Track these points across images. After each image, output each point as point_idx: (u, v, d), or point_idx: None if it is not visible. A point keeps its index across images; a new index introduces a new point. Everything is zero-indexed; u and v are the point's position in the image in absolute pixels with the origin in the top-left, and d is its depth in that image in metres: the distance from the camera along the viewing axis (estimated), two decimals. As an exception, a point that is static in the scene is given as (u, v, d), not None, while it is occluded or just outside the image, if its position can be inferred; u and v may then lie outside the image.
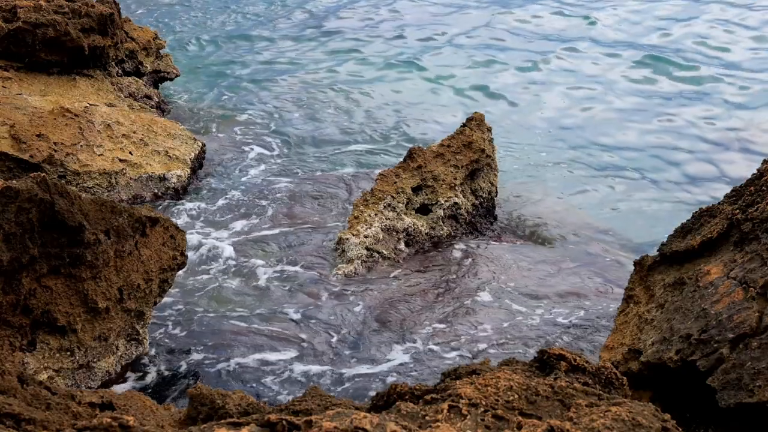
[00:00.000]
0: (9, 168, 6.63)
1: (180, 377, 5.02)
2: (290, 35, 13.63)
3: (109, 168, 7.21)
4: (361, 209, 6.76)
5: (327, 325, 5.73)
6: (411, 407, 2.41)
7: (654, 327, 4.01)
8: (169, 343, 5.37)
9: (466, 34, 13.41)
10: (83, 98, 8.01)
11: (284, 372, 5.17)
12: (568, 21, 13.98)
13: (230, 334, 5.53)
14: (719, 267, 3.83)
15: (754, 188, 3.98)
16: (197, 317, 5.70)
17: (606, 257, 7.05)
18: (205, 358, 5.25)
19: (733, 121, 10.10)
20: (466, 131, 7.25)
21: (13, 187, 3.87)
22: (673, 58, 12.00)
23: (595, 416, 2.36)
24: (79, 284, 4.28)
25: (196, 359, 5.23)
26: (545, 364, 2.87)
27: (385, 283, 6.37)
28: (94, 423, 2.18)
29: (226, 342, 5.43)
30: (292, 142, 9.35)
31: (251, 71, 11.90)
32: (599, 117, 10.36)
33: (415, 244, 6.91)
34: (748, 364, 3.25)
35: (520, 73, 11.88)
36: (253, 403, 3.13)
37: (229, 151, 8.93)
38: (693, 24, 13.46)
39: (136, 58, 9.52)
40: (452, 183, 7.07)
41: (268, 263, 6.55)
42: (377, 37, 13.44)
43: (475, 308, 6.01)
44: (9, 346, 3.98)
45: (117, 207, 4.47)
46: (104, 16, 8.27)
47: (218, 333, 5.53)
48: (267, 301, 6.03)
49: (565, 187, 8.52)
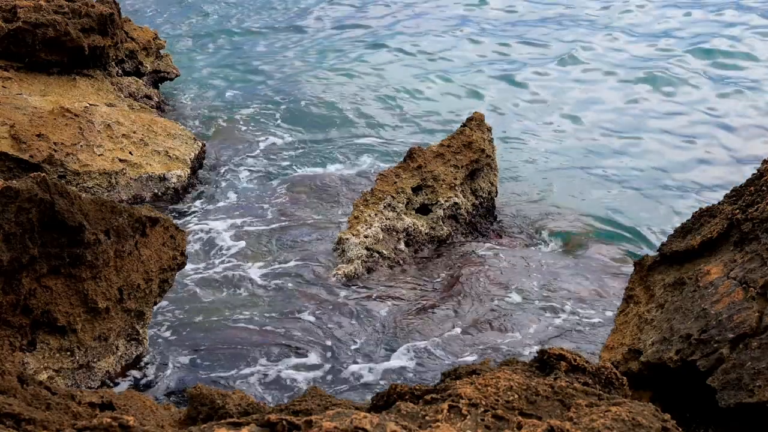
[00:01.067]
0: (9, 168, 6.63)
1: (180, 377, 5.02)
2: (290, 33, 13.63)
3: (109, 168, 7.21)
4: (361, 209, 6.76)
5: (326, 325, 5.73)
6: (411, 407, 2.41)
7: (654, 327, 4.01)
8: (170, 343, 5.37)
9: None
10: (83, 98, 8.01)
11: (284, 372, 5.17)
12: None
13: (230, 334, 5.53)
14: (719, 267, 3.82)
15: (754, 188, 3.98)
16: (197, 317, 5.70)
17: (606, 257, 7.05)
18: (204, 358, 5.25)
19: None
20: (466, 131, 7.25)
21: (13, 187, 3.87)
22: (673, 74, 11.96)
23: (595, 416, 2.36)
24: (79, 284, 4.28)
25: (195, 359, 5.23)
26: (545, 364, 2.87)
27: (386, 283, 6.37)
28: (94, 423, 2.17)
29: (225, 342, 5.42)
30: (293, 141, 9.35)
31: (250, 71, 11.90)
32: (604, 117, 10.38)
33: (415, 244, 6.91)
34: (748, 364, 3.25)
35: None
36: (253, 403, 3.13)
37: (230, 150, 8.93)
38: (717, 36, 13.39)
39: (136, 58, 9.52)
40: (452, 183, 7.07)
41: (268, 263, 6.55)
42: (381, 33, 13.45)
43: (476, 308, 6.01)
44: (9, 346, 3.98)
45: (117, 207, 4.47)
46: (104, 16, 8.27)
47: (218, 333, 5.53)
48: (267, 301, 6.03)
49: (565, 187, 8.51)
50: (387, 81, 11.39)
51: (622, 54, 12.48)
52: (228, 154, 8.85)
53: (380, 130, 9.86)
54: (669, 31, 13.40)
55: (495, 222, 7.50)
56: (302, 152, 9.08)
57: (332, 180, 8.29)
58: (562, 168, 8.99)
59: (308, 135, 9.59)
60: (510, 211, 7.78)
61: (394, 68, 11.95)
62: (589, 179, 8.75)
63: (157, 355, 5.16)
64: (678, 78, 11.36)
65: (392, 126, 9.98)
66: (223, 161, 8.65)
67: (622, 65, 11.99)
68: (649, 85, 11.23)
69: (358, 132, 9.75)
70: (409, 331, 5.70)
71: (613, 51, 12.62)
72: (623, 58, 12.29)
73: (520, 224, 7.57)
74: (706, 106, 10.57)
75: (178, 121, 8.88)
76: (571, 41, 12.99)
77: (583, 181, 8.71)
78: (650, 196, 8.40)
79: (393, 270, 6.58)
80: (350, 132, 9.74)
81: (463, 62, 12.20)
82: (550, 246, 7.24)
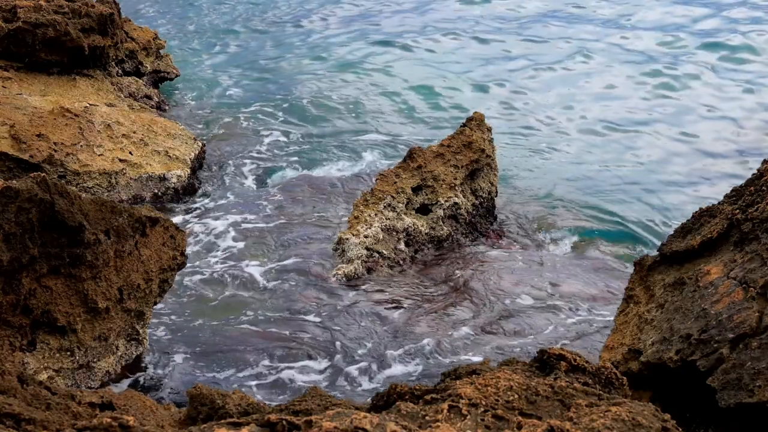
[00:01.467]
0: (9, 168, 6.63)
1: (180, 377, 5.02)
2: (292, 31, 13.62)
3: (109, 168, 7.21)
4: (361, 209, 6.76)
5: (327, 326, 5.72)
6: (411, 407, 2.41)
7: (654, 327, 4.01)
8: (170, 343, 5.37)
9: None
10: (83, 98, 8.01)
11: (284, 372, 5.17)
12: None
13: (230, 334, 5.53)
14: (719, 267, 3.82)
15: (754, 188, 3.98)
16: (197, 317, 5.70)
17: (606, 257, 7.05)
18: (204, 358, 5.25)
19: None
20: (466, 131, 7.25)
21: (13, 187, 3.87)
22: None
23: (595, 416, 2.36)
24: (79, 284, 4.27)
25: (196, 359, 5.22)
26: (545, 364, 2.87)
27: (386, 284, 6.37)
28: (94, 423, 2.17)
29: (225, 342, 5.42)
30: (294, 140, 9.34)
31: (251, 70, 11.89)
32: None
33: (415, 244, 6.91)
34: (748, 364, 3.25)
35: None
36: (253, 403, 3.13)
37: (230, 150, 8.93)
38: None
39: (136, 58, 9.53)
40: (452, 183, 7.07)
41: (268, 263, 6.55)
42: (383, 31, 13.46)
43: (476, 308, 6.01)
44: (9, 346, 3.98)
45: (117, 207, 4.46)
46: (104, 16, 8.27)
47: (218, 333, 5.53)
48: (267, 301, 6.02)
49: (566, 186, 8.51)
50: (392, 79, 11.38)
51: (629, 50, 12.46)
52: (228, 153, 8.85)
53: (384, 128, 9.84)
54: (678, 26, 13.36)
55: (495, 222, 7.50)
56: (303, 151, 9.08)
57: (333, 180, 8.29)
58: (563, 167, 8.98)
59: (309, 134, 9.58)
60: (510, 211, 7.78)
61: (400, 66, 11.93)
62: (590, 178, 8.74)
63: (157, 355, 5.16)
64: (686, 74, 11.36)
65: (397, 123, 9.96)
66: (223, 161, 8.65)
67: (629, 61, 11.97)
68: (655, 80, 11.24)
69: (360, 130, 9.74)
70: (410, 331, 5.70)
71: (618, 47, 12.60)
72: (629, 54, 12.28)
73: (520, 224, 7.57)
74: (710, 101, 10.54)
75: (178, 121, 8.88)
76: (577, 39, 12.98)
77: (584, 180, 8.70)
78: (651, 196, 8.39)
79: (393, 270, 6.58)
80: (353, 131, 9.73)
81: (468, 60, 12.19)
82: (550, 245, 7.24)
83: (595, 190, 8.48)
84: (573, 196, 8.30)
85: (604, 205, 8.14)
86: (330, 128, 9.82)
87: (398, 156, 8.21)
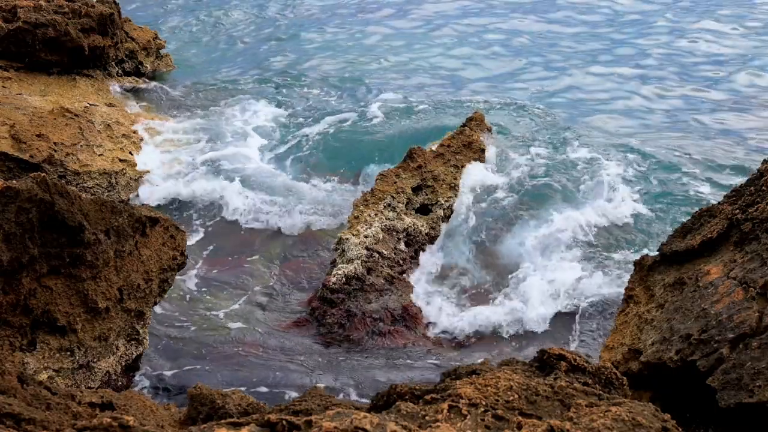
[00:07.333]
0: (9, 168, 6.63)
1: (180, 377, 5.02)
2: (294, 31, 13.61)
3: (109, 168, 7.21)
4: (361, 209, 6.76)
5: (327, 326, 5.72)
6: (411, 407, 2.41)
7: (654, 327, 4.01)
8: (169, 343, 5.37)
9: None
10: (83, 98, 8.01)
11: (284, 372, 5.17)
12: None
13: (229, 334, 5.53)
14: (719, 267, 3.82)
15: (754, 188, 3.98)
16: (197, 317, 5.70)
17: (606, 257, 7.04)
18: (204, 358, 5.25)
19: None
20: (466, 131, 7.25)
21: (13, 187, 3.86)
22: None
23: (595, 416, 2.36)
24: (79, 284, 4.27)
25: (195, 359, 5.22)
26: (545, 364, 2.87)
27: (387, 283, 6.36)
28: (94, 423, 2.17)
29: (224, 342, 5.42)
30: (295, 140, 9.33)
31: (251, 70, 11.88)
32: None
33: (415, 244, 6.90)
34: (748, 364, 3.25)
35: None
36: (253, 403, 3.13)
37: (230, 149, 8.91)
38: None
39: (136, 58, 9.52)
40: (452, 183, 7.07)
41: (268, 263, 6.55)
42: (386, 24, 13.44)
43: (476, 308, 6.01)
44: (9, 346, 3.98)
45: (117, 207, 4.46)
46: (104, 16, 8.27)
47: (217, 333, 5.53)
48: (266, 301, 6.02)
49: (566, 185, 8.48)
50: (411, 67, 11.34)
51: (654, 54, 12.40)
52: (228, 153, 8.84)
53: (386, 127, 9.81)
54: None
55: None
56: (303, 151, 9.05)
57: (332, 179, 8.28)
58: (563, 167, 8.96)
59: (310, 134, 9.55)
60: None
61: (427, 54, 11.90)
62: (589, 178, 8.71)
63: (157, 355, 5.16)
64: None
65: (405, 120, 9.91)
66: (223, 160, 8.63)
67: (651, 66, 11.91)
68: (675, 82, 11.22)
69: (364, 128, 9.70)
70: (410, 332, 5.70)
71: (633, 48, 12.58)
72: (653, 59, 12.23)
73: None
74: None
75: (178, 121, 8.87)
76: (605, 42, 12.90)
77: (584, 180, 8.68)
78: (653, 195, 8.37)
79: (393, 270, 6.57)
80: (356, 129, 9.69)
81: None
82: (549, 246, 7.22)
83: (595, 189, 8.46)
84: (573, 196, 8.27)
85: (604, 204, 8.11)
86: (333, 127, 9.79)
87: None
